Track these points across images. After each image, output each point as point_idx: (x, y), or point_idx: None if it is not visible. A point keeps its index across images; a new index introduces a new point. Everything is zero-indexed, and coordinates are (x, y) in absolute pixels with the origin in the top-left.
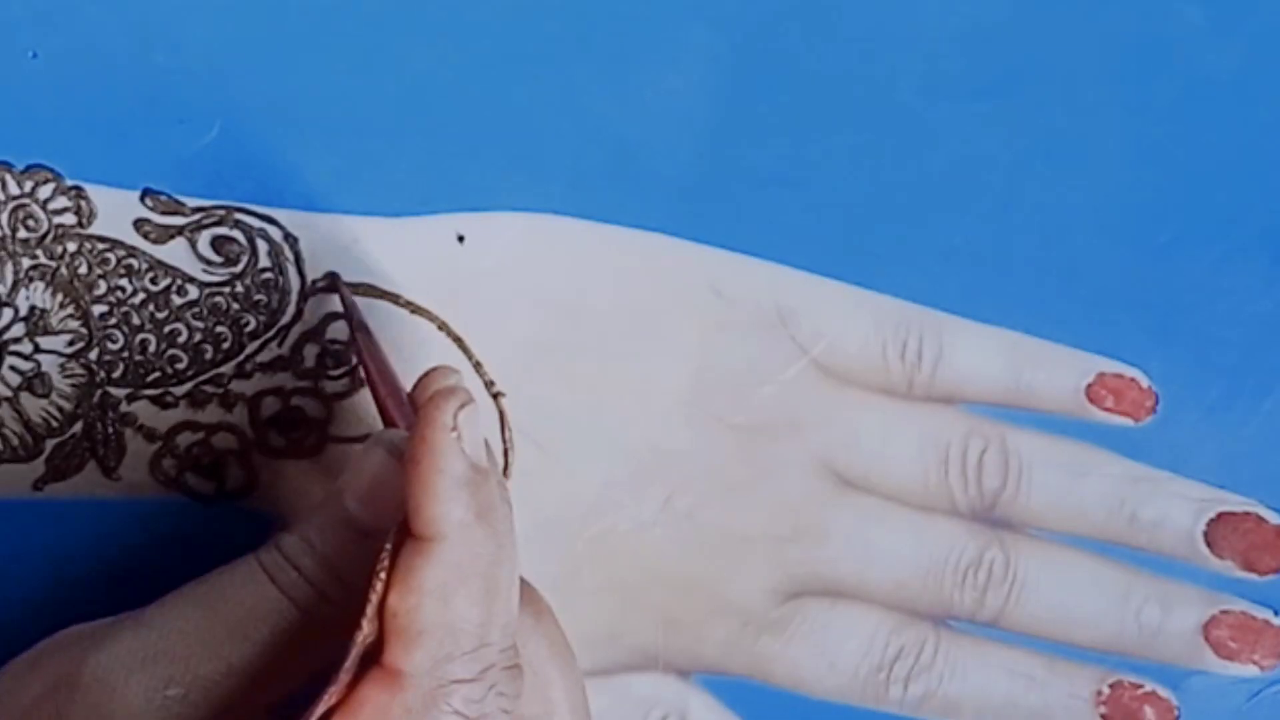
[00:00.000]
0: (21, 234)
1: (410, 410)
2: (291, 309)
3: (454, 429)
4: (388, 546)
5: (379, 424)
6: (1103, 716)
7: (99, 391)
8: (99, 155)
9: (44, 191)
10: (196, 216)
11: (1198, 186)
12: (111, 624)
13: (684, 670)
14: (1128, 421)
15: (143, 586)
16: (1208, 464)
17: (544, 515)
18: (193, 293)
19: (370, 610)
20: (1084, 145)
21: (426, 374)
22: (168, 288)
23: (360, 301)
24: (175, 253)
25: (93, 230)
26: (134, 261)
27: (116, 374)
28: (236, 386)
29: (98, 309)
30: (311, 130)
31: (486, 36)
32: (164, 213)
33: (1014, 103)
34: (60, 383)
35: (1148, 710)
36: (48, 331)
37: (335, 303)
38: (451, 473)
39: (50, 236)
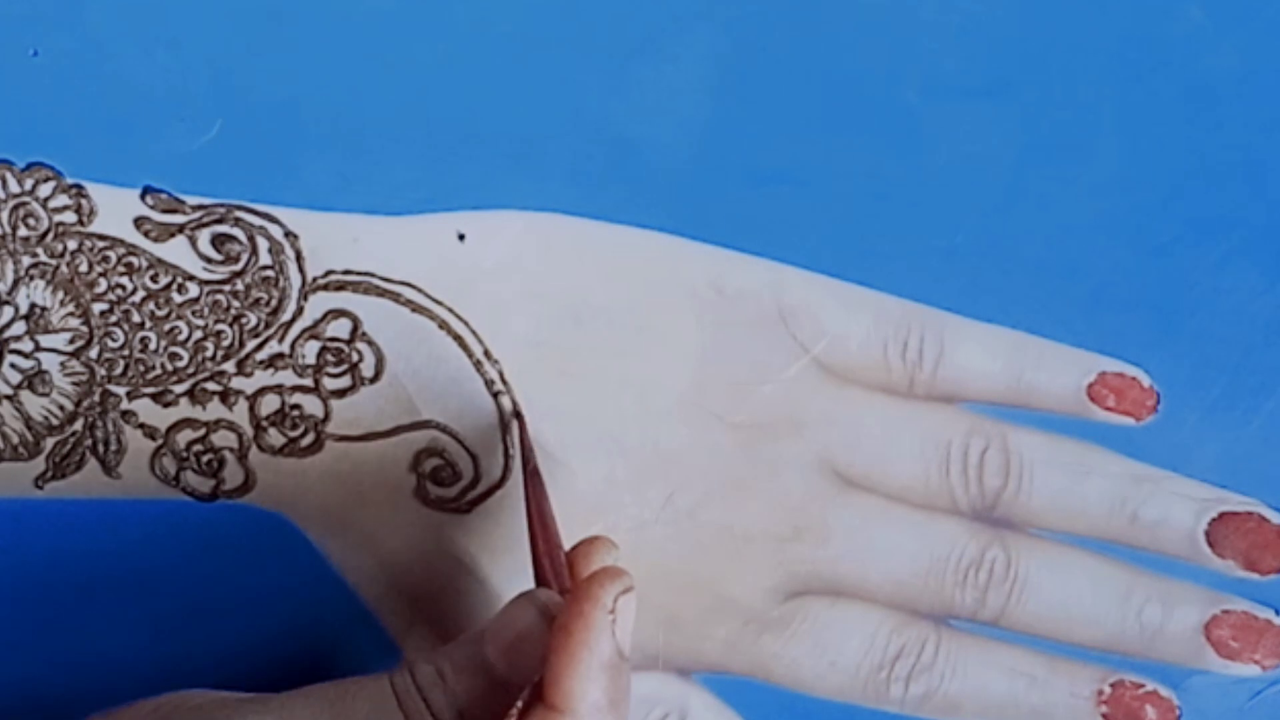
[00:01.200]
0: (22, 232)
1: (565, 571)
2: (292, 306)
3: (611, 612)
4: (519, 705)
5: (379, 423)
6: (1104, 716)
7: (99, 389)
8: (99, 153)
9: (44, 189)
10: (197, 214)
11: (1199, 185)
12: (240, 700)
13: (685, 669)
14: (1129, 421)
15: (141, 587)
16: (1209, 463)
17: None
18: (193, 290)
19: None
20: (1084, 145)
21: (590, 542)
22: (168, 285)
23: (361, 300)
24: (175, 250)
25: (93, 228)
26: (134, 259)
27: (117, 372)
28: (236, 384)
29: (98, 307)
30: (312, 128)
31: (486, 36)
32: (164, 211)
33: (1014, 103)
34: (61, 380)
35: (1149, 710)
36: (48, 329)
37: (335, 300)
38: (599, 654)
39: (51, 234)
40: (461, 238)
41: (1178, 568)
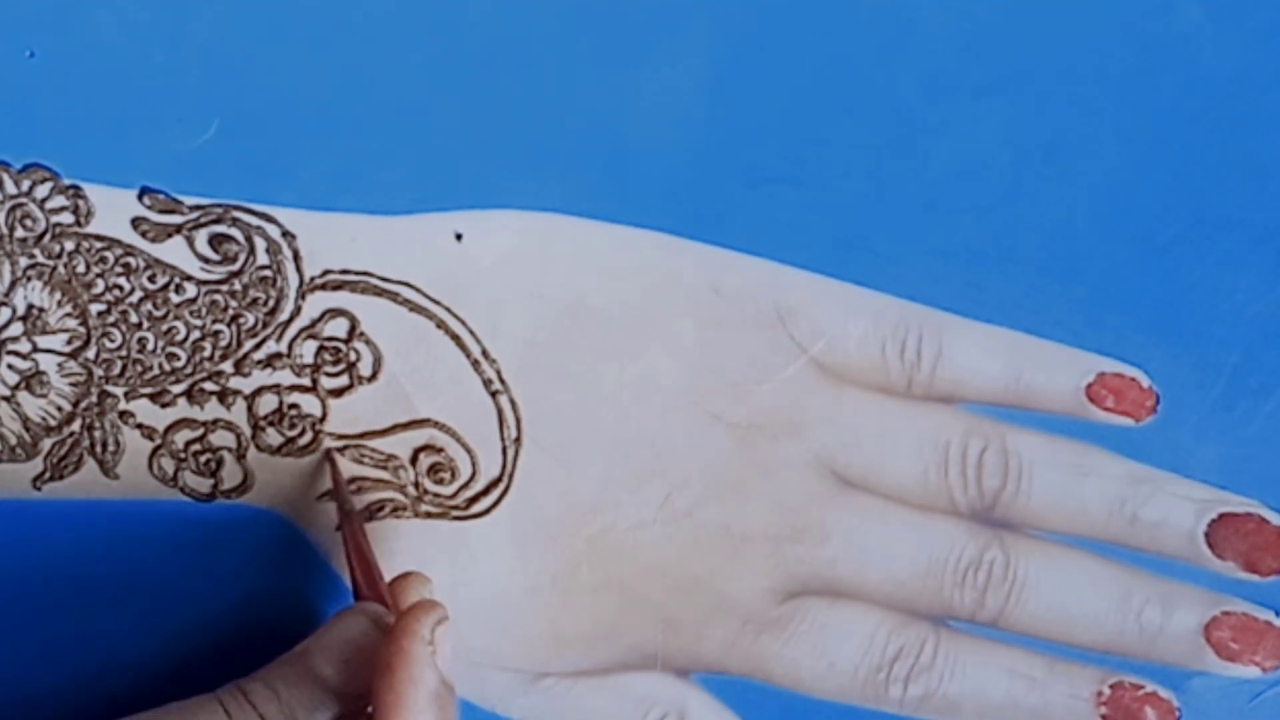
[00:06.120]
0: (19, 233)
1: (385, 592)
2: (289, 306)
3: (430, 643)
4: None
5: (377, 422)
6: (1103, 717)
7: (97, 390)
8: (96, 154)
9: (41, 190)
10: (194, 215)
11: (1199, 185)
12: None
13: (683, 669)
14: (1128, 421)
15: (141, 587)
16: (1209, 464)
17: (543, 514)
18: (191, 290)
19: None
20: (1084, 145)
21: (406, 577)
22: (165, 286)
23: (359, 300)
24: (173, 251)
25: (90, 229)
26: (132, 260)
27: (114, 372)
28: (234, 384)
29: (95, 307)
30: (309, 128)
31: (485, 35)
32: (162, 211)
33: (1014, 103)
34: (58, 381)
35: (1149, 711)
36: (46, 330)
37: (333, 299)
38: (424, 685)
39: (48, 235)
40: (459, 237)
41: (1177, 569)
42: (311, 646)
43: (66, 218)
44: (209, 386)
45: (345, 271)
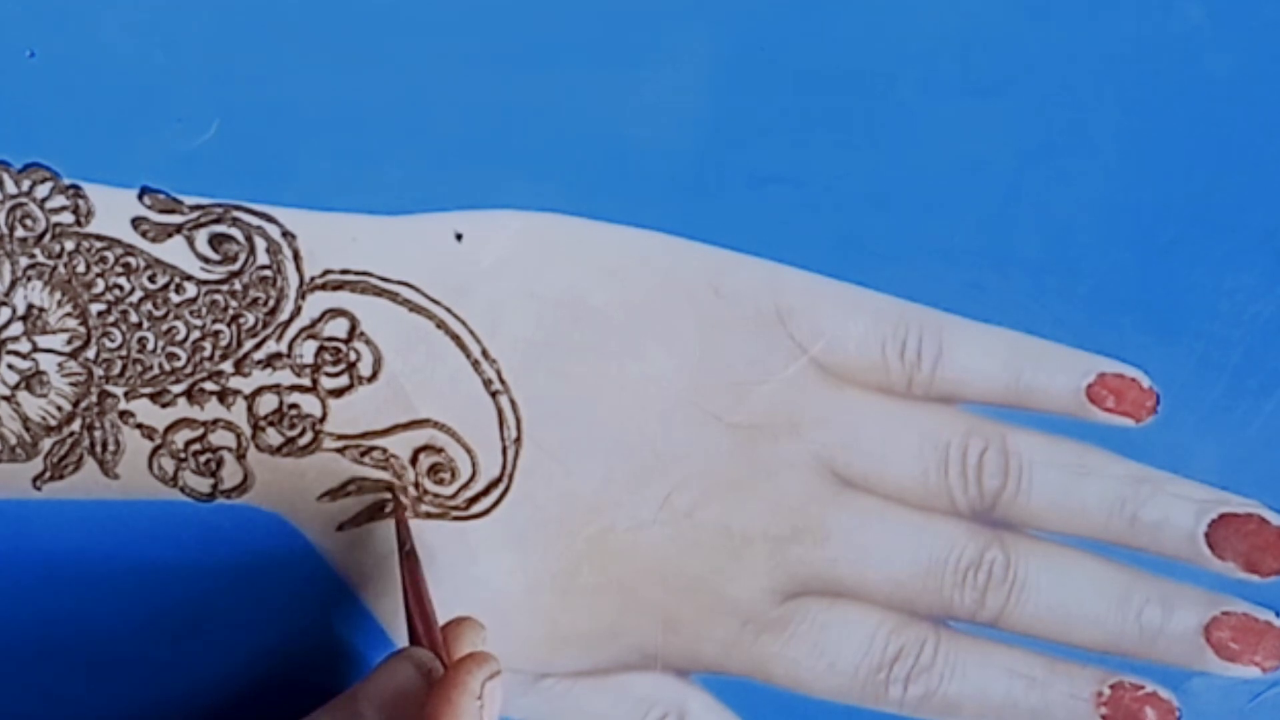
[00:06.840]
0: (19, 233)
1: (439, 638)
2: (289, 306)
3: (479, 698)
4: None
5: (377, 422)
6: (1103, 717)
7: (97, 390)
8: (97, 154)
9: (42, 190)
10: (194, 214)
11: (1199, 186)
12: None
13: (683, 669)
14: (1129, 422)
15: (141, 587)
16: (1209, 465)
17: (543, 514)
18: (191, 290)
19: None
20: (1084, 145)
21: (460, 623)
22: (166, 285)
23: (359, 300)
24: (173, 251)
25: (91, 229)
26: (132, 260)
27: (114, 372)
28: (234, 384)
29: (96, 307)
30: (310, 128)
31: (485, 35)
32: (162, 211)
33: (1014, 103)
34: (58, 381)
35: (1149, 711)
36: (46, 330)
37: (333, 299)
38: None
39: (48, 235)
40: (459, 237)
41: (1177, 569)
42: (358, 692)
43: (66, 217)
44: (209, 386)
45: (345, 271)
